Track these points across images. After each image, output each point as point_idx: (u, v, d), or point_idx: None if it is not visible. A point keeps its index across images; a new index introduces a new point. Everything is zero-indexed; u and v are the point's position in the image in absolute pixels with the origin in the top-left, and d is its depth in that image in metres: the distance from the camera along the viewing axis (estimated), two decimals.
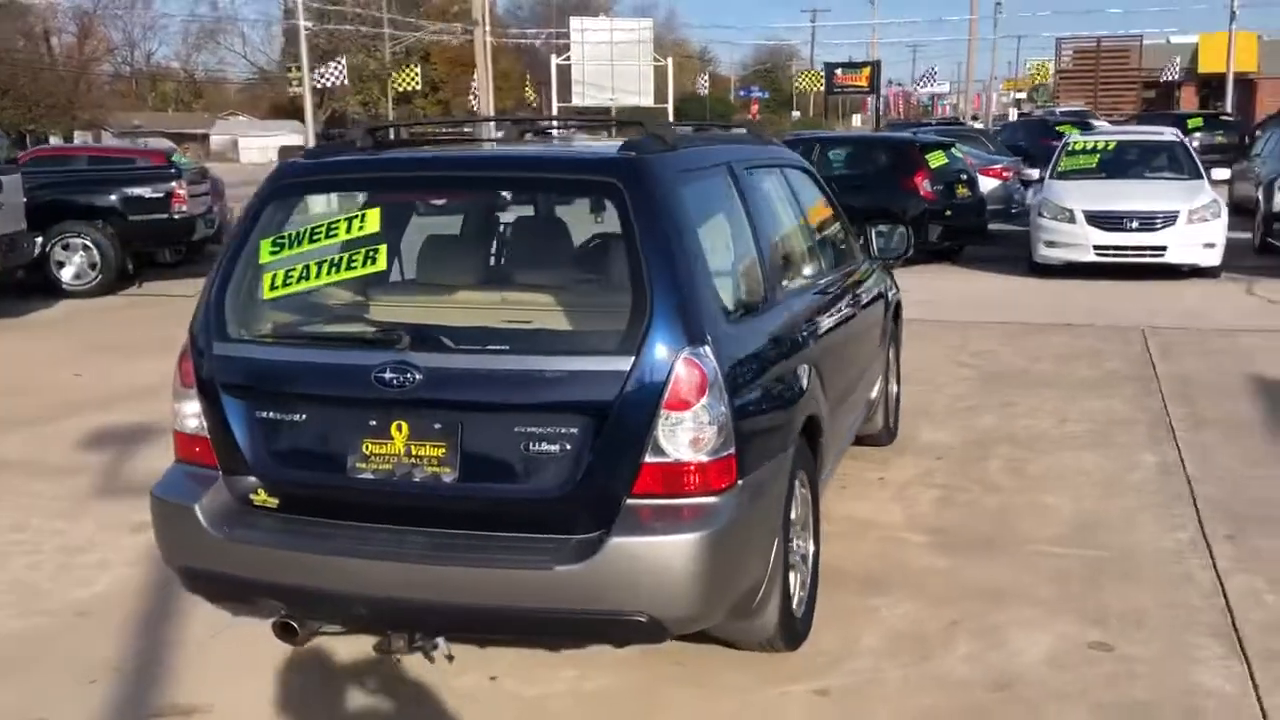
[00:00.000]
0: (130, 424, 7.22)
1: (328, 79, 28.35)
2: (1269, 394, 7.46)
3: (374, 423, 3.33)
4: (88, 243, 12.91)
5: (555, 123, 6.43)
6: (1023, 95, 67.15)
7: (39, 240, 12.21)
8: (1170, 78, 42.36)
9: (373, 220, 3.46)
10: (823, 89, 47.39)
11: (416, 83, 32.88)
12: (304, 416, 3.43)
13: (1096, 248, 12.39)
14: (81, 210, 12.99)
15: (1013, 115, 45.68)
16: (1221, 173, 13.82)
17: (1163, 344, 9.11)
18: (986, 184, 15.74)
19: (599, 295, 3.51)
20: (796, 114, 67.51)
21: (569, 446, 3.19)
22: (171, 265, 14.73)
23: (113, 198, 13.06)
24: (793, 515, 3.80)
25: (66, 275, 12.93)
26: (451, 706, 3.67)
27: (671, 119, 41.22)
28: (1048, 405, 7.32)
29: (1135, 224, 12.32)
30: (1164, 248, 12.28)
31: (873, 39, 63.30)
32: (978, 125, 33.67)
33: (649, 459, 3.15)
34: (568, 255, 3.87)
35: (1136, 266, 12.46)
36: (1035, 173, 14.83)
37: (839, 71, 50.68)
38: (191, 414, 3.59)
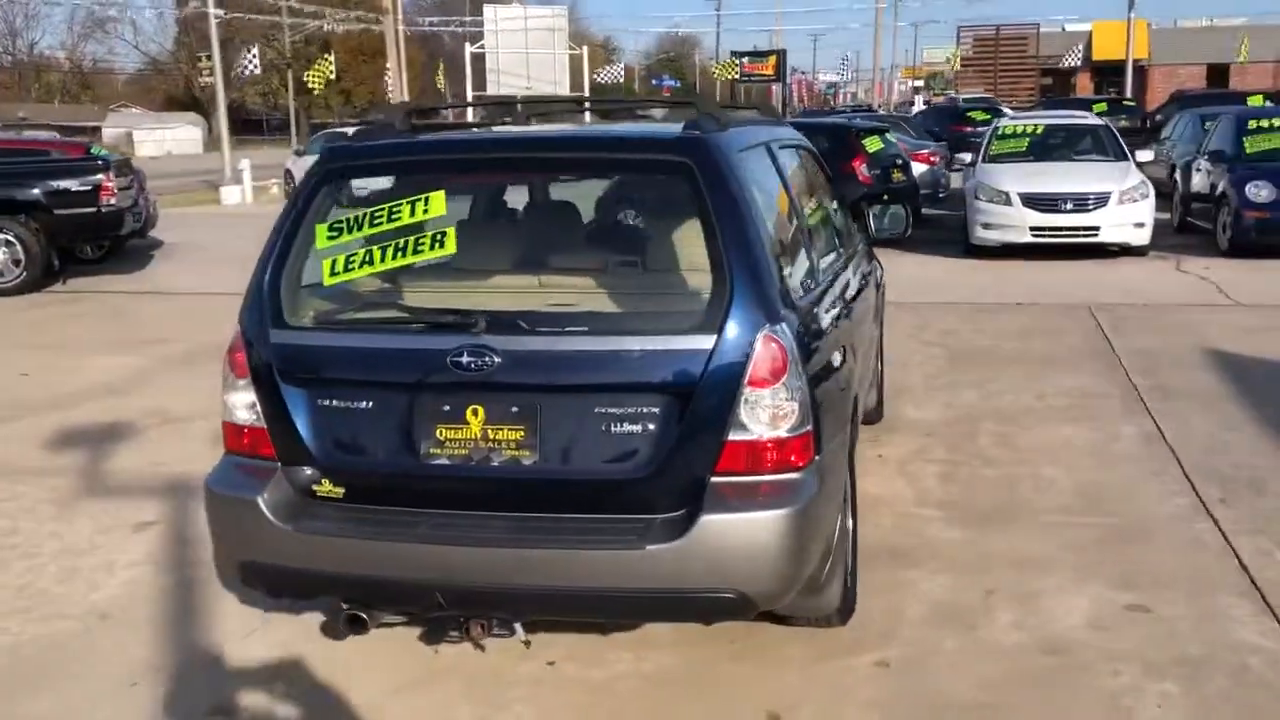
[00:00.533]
0: (98, 423, 7.00)
1: (242, 69, 27.58)
2: (1224, 365, 7.75)
3: (448, 407, 3.28)
4: (10, 238, 12.39)
5: (603, 104, 6.34)
6: (920, 83, 68.47)
7: None
8: (1073, 64, 43.60)
9: (438, 203, 3.39)
10: (738, 77, 47.71)
11: (331, 73, 32.12)
12: (371, 403, 3.35)
13: (1033, 229, 12.71)
14: (2, 204, 12.47)
15: (918, 103, 46.53)
16: (1145, 155, 14.27)
17: (1112, 320, 9.39)
18: (914, 169, 16.03)
19: (674, 274, 3.49)
20: None
21: (650, 426, 3.18)
22: (95, 261, 14.27)
23: (37, 191, 12.52)
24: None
25: None
26: (521, 694, 3.64)
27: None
28: (1021, 381, 7.50)
29: (1069, 205, 12.68)
30: (1097, 228, 12.65)
31: (777, 28, 64.00)
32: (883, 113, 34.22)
33: (732, 437, 3.16)
34: (636, 235, 3.85)
35: (1069, 246, 12.82)
36: (968, 156, 15.14)
37: (745, 60, 51.22)
38: (244, 405, 3.50)
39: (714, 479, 3.17)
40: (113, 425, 6.98)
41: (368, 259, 3.41)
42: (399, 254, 3.39)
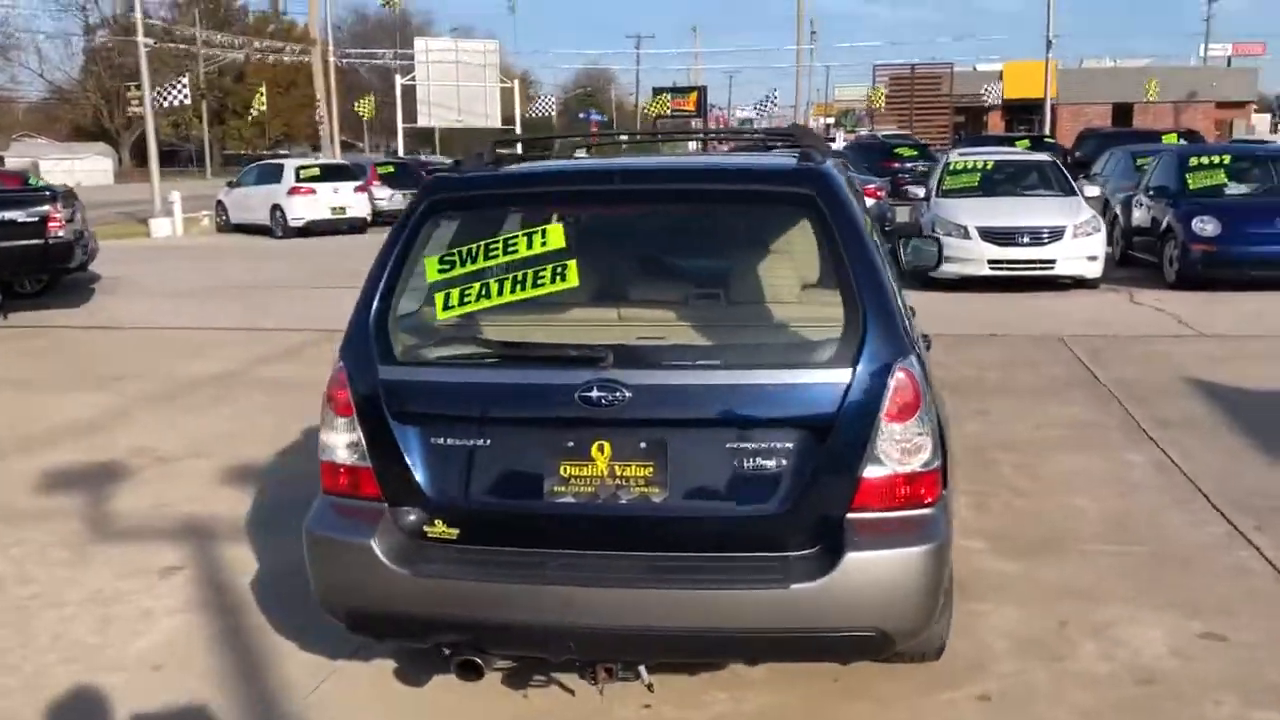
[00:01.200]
0: (85, 463, 6.73)
1: (170, 98, 26.97)
2: (1207, 394, 7.95)
3: (572, 444, 3.19)
4: None
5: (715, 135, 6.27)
6: (831, 120, 69.80)
7: None
8: (993, 102, 44.84)
9: (556, 235, 3.31)
10: (669, 113, 48.24)
11: (263, 104, 31.63)
12: (490, 440, 3.25)
13: (991, 262, 12.97)
14: None
15: (839, 140, 47.44)
16: (1092, 190, 14.68)
17: (1088, 351, 9.58)
18: None
19: (800, 306, 3.46)
20: (624, 137, 68.21)
21: (783, 461, 3.13)
22: (33, 295, 13.76)
23: None
24: None
25: None
26: None
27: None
28: (1016, 411, 7.60)
29: (1026, 239, 12.97)
30: (1053, 261, 12.96)
31: (697, 64, 64.76)
32: None
33: (867, 472, 3.13)
34: (758, 267, 3.80)
35: (1025, 279, 13.11)
36: (921, 190, 15.41)
37: (668, 96, 51.86)
38: (348, 444, 3.36)
39: (850, 515, 3.13)
40: (103, 465, 6.70)
41: (484, 292, 3.31)
42: (518, 287, 3.30)
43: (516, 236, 3.35)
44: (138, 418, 8.00)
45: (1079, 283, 13.24)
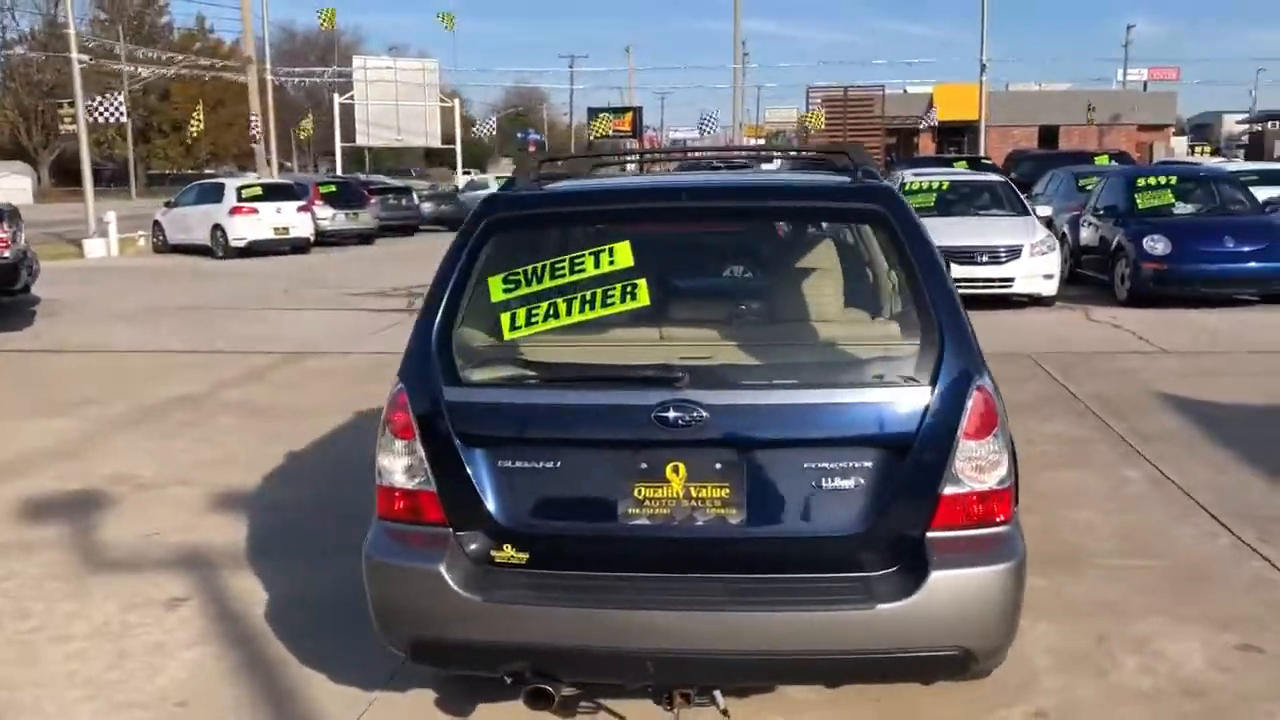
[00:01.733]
0: (64, 492, 6.51)
1: (105, 114, 26.32)
2: (1180, 409, 8.11)
3: (645, 465, 3.12)
4: None
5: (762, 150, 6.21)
6: (761, 141, 70.51)
7: None
8: (930, 124, 45.53)
9: (624, 254, 3.24)
10: (609, 134, 48.35)
11: (200, 121, 31.03)
12: (560, 463, 3.16)
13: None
14: None
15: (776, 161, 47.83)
16: (1045, 210, 14.96)
17: (1059, 368, 9.73)
18: None
19: (877, 325, 3.43)
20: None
21: (862, 481, 3.10)
22: None
23: None
24: None
25: None
26: None
27: (460, 159, 41.09)
28: None
29: (984, 258, 13.16)
30: (1011, 279, 13.16)
31: (630, 85, 65.00)
32: None
33: (947, 490, 3.11)
34: (827, 286, 3.76)
35: (982, 298, 13.28)
36: None
37: (599, 116, 51.90)
38: (409, 468, 3.25)
39: (930, 534, 3.10)
40: (82, 494, 6.48)
41: (552, 312, 3.23)
42: (587, 307, 3.22)
43: (583, 255, 3.27)
44: (108, 444, 7.74)
45: (1035, 300, 13.47)
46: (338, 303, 15.83)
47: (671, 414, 3.06)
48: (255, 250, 23.04)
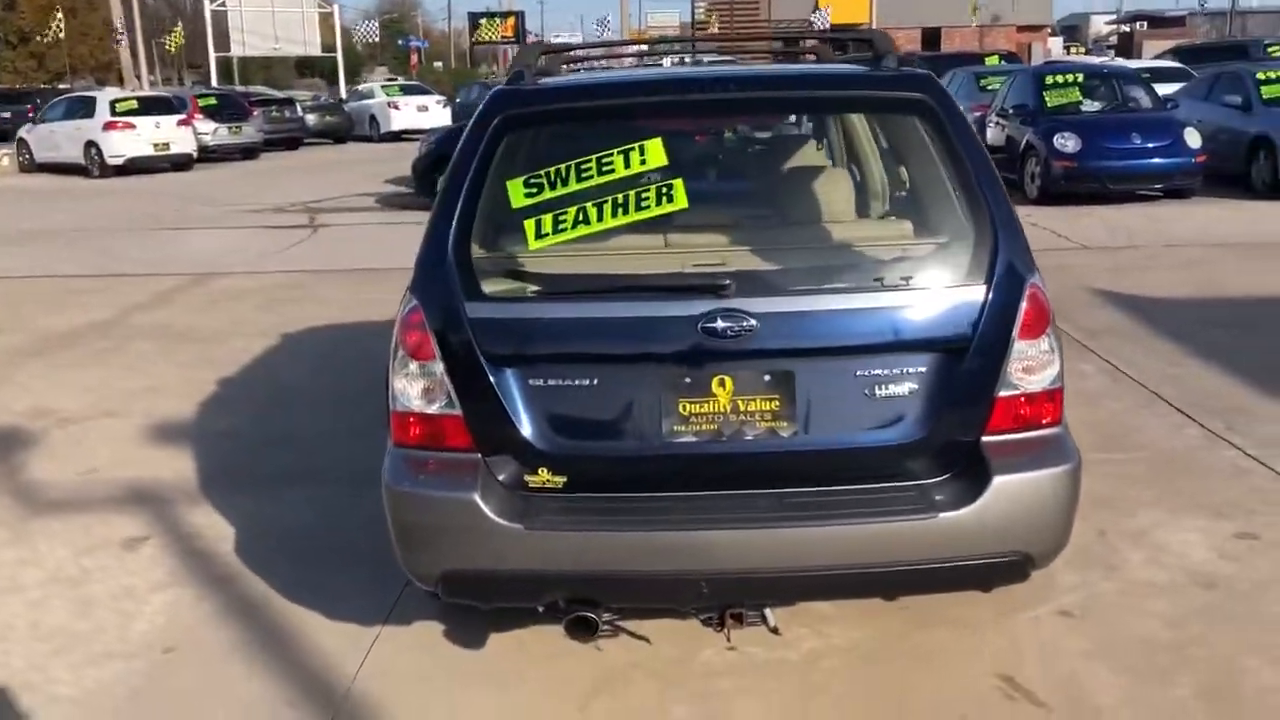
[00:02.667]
0: None
1: None
2: (1115, 304, 8.23)
3: (689, 380, 2.93)
4: None
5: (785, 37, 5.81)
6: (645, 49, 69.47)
7: None
8: (823, 27, 45.25)
9: (656, 151, 2.98)
10: (498, 39, 46.96)
11: (60, 29, 29.03)
12: (598, 380, 2.95)
13: None
14: None
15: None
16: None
17: None
18: None
19: (926, 221, 3.22)
20: (440, 64, 66.49)
21: (916, 386, 2.96)
22: None
23: None
24: None
25: None
26: (728, 684, 3.35)
27: (342, 68, 39.46)
28: None
29: None
30: None
31: None
32: None
33: (1002, 393, 2.99)
34: (872, 182, 3.55)
35: None
36: None
37: (483, 21, 50.43)
38: (429, 391, 2.99)
39: (985, 439, 2.99)
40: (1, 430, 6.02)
41: (582, 218, 2.97)
42: (620, 211, 2.97)
43: (611, 155, 3.00)
44: (16, 376, 7.23)
45: None
46: (234, 220, 15.12)
47: (720, 324, 2.86)
48: (134, 168, 21.82)
